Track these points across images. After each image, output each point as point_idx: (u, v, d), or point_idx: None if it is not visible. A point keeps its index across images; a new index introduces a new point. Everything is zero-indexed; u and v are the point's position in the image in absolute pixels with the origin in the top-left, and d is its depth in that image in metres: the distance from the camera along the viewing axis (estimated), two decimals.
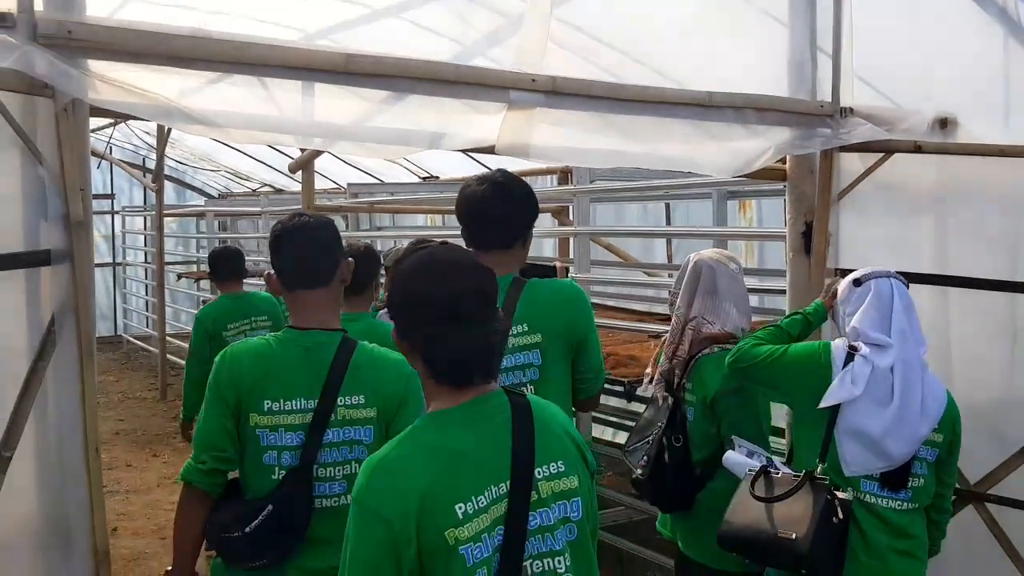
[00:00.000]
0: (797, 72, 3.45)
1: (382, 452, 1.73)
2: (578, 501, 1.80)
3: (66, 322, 2.28)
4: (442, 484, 1.66)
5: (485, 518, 1.68)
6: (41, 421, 2.27)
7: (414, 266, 1.79)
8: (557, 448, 1.81)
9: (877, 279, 2.77)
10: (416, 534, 1.63)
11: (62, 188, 2.25)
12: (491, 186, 2.68)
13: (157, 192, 10.45)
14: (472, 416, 1.75)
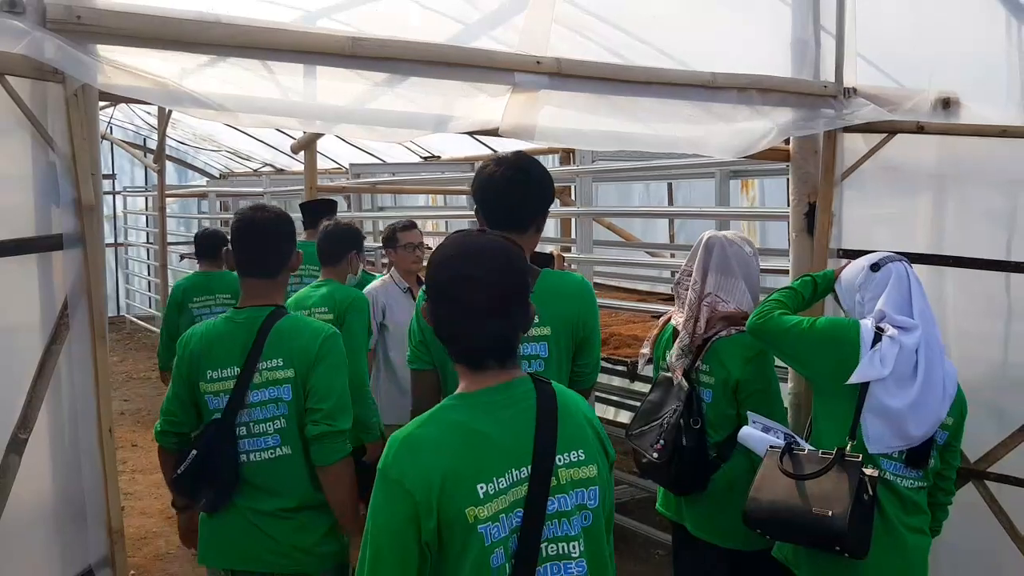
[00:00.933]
0: (800, 52, 3.45)
1: (407, 429, 1.78)
2: (595, 489, 1.85)
3: (79, 305, 2.31)
4: (465, 463, 1.72)
5: (504, 499, 1.73)
6: (56, 403, 2.31)
7: (444, 251, 1.85)
8: (578, 437, 1.86)
9: (893, 263, 2.80)
10: (437, 508, 1.69)
11: (73, 173, 2.27)
12: (509, 169, 2.67)
13: (159, 172, 10.44)
14: (498, 400, 1.80)
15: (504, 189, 2.66)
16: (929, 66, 3.43)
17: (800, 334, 2.79)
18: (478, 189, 2.71)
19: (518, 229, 2.67)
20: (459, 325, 1.81)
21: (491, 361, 1.82)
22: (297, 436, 2.73)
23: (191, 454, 2.74)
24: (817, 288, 3.01)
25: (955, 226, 3.32)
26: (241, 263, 2.84)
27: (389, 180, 9.14)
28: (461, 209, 9.31)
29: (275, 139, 11.92)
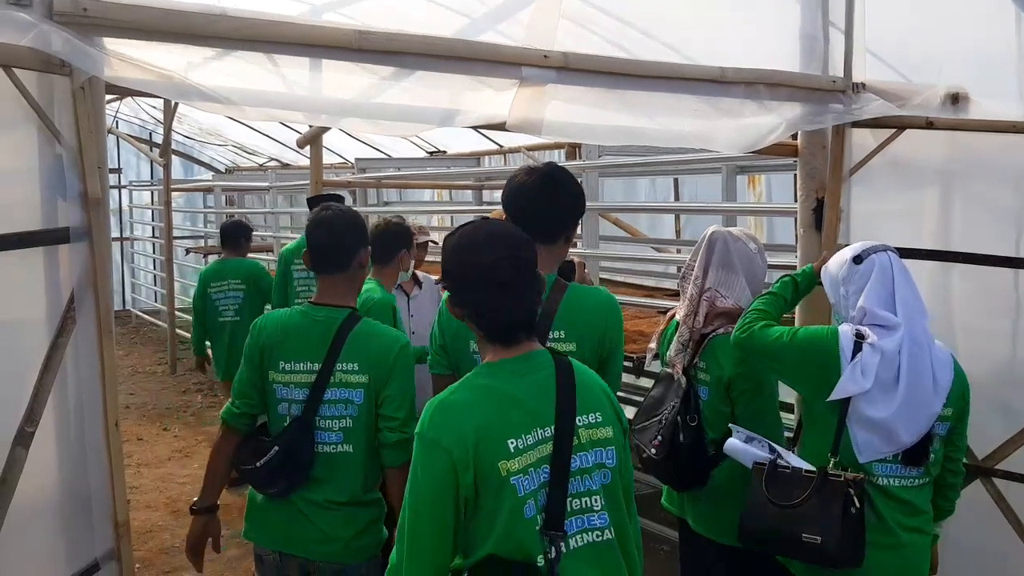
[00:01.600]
0: (809, 47, 3.44)
1: (441, 395, 1.98)
2: (612, 450, 2.03)
3: (85, 299, 2.31)
4: (496, 420, 1.91)
5: (532, 455, 1.92)
6: (62, 397, 2.30)
7: (459, 240, 2.06)
8: (594, 401, 2.05)
9: (876, 254, 2.73)
10: (473, 462, 1.86)
11: (80, 166, 2.27)
12: (540, 178, 2.66)
13: (164, 167, 10.47)
14: (521, 368, 2.01)
15: (535, 198, 2.65)
16: (938, 61, 3.41)
17: (780, 349, 2.74)
18: (508, 197, 2.70)
19: (547, 239, 2.65)
20: (497, 302, 1.99)
21: (522, 334, 2.03)
22: (361, 437, 2.76)
23: (273, 450, 2.75)
24: (798, 287, 2.98)
25: (963, 222, 3.31)
26: (313, 260, 2.90)
27: (395, 175, 9.14)
28: (466, 204, 9.31)
29: (281, 134, 11.93)
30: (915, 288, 2.73)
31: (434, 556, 1.89)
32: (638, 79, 3.03)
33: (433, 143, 10.57)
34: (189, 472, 6.80)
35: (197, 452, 7.32)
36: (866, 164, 3.46)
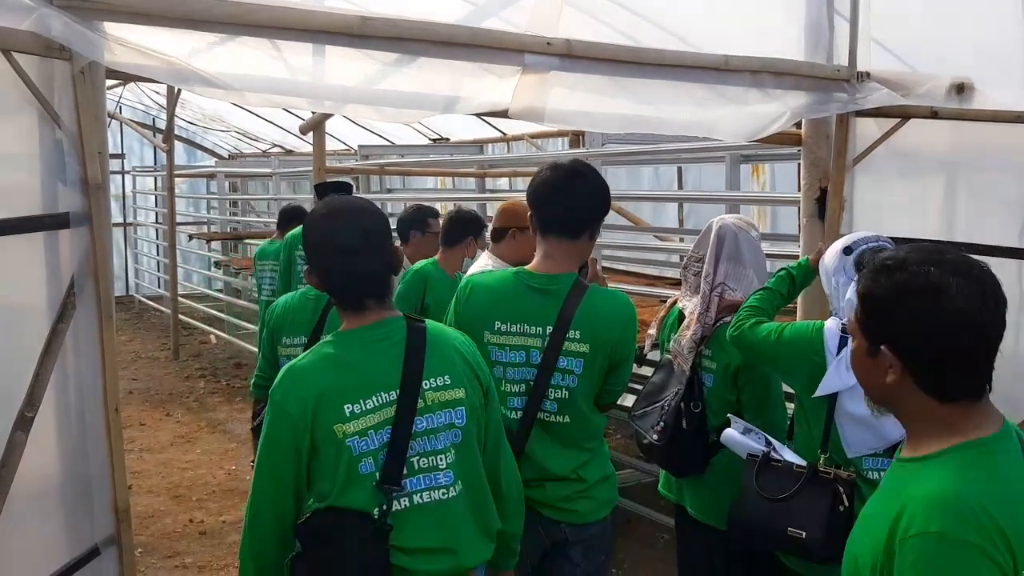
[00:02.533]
0: (814, 36, 3.42)
1: (293, 361, 2.15)
2: (462, 410, 2.19)
3: (85, 284, 2.31)
4: (335, 386, 2.07)
5: (372, 418, 2.08)
6: (62, 382, 2.31)
7: (314, 212, 2.24)
8: (445, 364, 2.19)
9: (867, 245, 2.71)
10: (311, 425, 2.05)
11: (80, 151, 2.27)
12: (565, 174, 2.67)
13: (168, 152, 10.45)
14: (370, 335, 2.15)
15: (559, 194, 2.65)
16: (943, 51, 3.40)
17: (769, 346, 2.74)
18: (533, 192, 2.71)
19: (571, 235, 2.67)
20: (339, 268, 2.13)
21: (370, 300, 2.15)
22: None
23: None
24: (795, 281, 2.97)
25: (967, 212, 3.30)
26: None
27: (397, 162, 9.12)
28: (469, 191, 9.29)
29: (284, 120, 11.91)
30: None
31: (273, 505, 2.09)
32: (641, 67, 3.02)
33: (436, 130, 10.55)
34: (191, 457, 6.82)
35: (199, 438, 7.34)
36: (870, 154, 3.45)
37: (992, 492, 1.45)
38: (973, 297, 1.48)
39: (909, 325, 1.50)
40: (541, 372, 2.66)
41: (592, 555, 2.79)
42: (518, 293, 2.70)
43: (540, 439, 2.70)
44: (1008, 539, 1.40)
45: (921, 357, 1.51)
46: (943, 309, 1.48)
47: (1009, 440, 1.55)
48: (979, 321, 1.50)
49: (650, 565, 4.83)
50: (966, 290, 1.48)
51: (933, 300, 1.48)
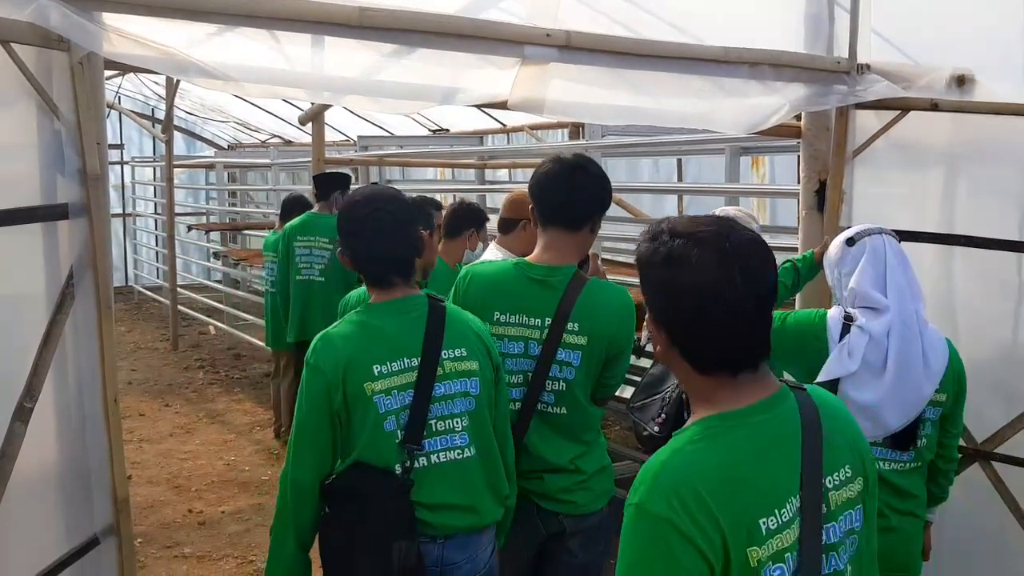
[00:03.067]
0: (814, 27, 3.41)
1: (327, 329, 2.37)
2: (476, 380, 2.40)
3: (84, 275, 2.31)
4: (363, 349, 2.30)
5: (397, 379, 2.30)
6: (61, 372, 2.31)
7: (345, 200, 2.52)
8: (461, 338, 2.41)
9: (871, 236, 2.73)
10: (343, 383, 2.26)
11: (78, 142, 2.26)
12: (567, 166, 2.68)
13: (167, 143, 10.44)
14: (395, 308, 2.39)
15: (561, 186, 2.67)
16: (944, 43, 3.39)
17: (772, 335, 2.74)
18: (535, 185, 2.72)
19: (572, 227, 2.68)
20: (369, 247, 2.38)
21: (395, 277, 2.40)
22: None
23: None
24: (800, 273, 2.98)
25: (967, 205, 3.29)
26: None
27: (397, 153, 9.10)
28: (469, 183, 9.28)
29: (283, 110, 11.88)
30: (910, 272, 2.72)
31: (313, 456, 2.30)
32: (641, 58, 3.01)
33: (436, 121, 10.52)
34: (190, 448, 6.83)
35: (198, 428, 7.34)
36: (870, 146, 3.44)
37: (709, 469, 1.42)
38: (715, 270, 1.45)
39: (653, 294, 1.52)
40: (540, 364, 2.66)
41: (590, 546, 2.80)
42: (517, 284, 2.71)
43: (538, 430, 2.70)
44: (717, 519, 1.37)
45: (671, 327, 1.51)
46: (679, 281, 1.47)
47: (764, 412, 1.50)
48: (720, 295, 1.45)
49: None
50: (709, 263, 1.45)
51: (672, 271, 1.47)
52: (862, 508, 1.56)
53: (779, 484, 1.45)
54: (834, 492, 1.51)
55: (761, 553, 1.39)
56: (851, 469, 1.55)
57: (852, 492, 1.54)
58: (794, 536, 1.43)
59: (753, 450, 1.46)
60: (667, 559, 1.35)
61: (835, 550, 1.50)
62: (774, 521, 1.41)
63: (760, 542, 1.39)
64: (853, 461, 1.56)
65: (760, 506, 1.41)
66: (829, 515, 1.49)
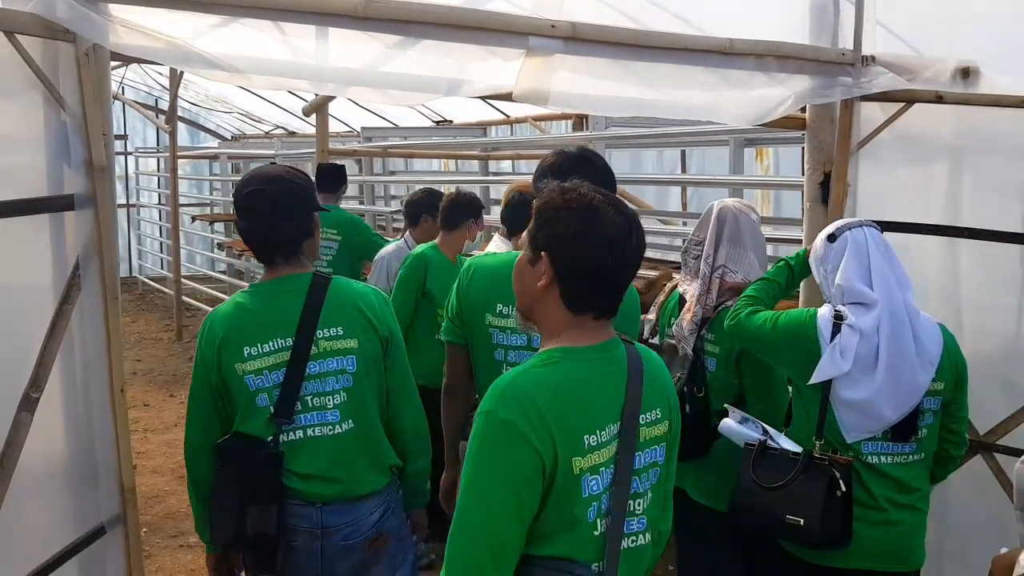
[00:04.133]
0: (819, 19, 3.40)
1: (217, 307, 2.54)
2: (353, 358, 2.50)
3: (90, 266, 2.31)
4: (237, 330, 2.45)
5: (268, 359, 2.44)
6: (68, 363, 2.32)
7: (243, 180, 2.56)
8: (340, 317, 2.50)
9: (851, 230, 2.72)
10: (217, 363, 2.44)
11: (84, 133, 2.27)
12: (569, 161, 2.69)
13: (171, 134, 10.44)
14: (274, 288, 2.51)
15: (564, 179, 2.65)
16: (948, 35, 3.37)
17: (764, 335, 2.74)
18: (539, 178, 2.72)
19: None
20: (253, 228, 2.49)
21: (279, 257, 2.50)
22: None
23: None
24: (793, 271, 2.98)
25: (972, 198, 3.28)
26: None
27: (400, 144, 9.10)
28: (472, 174, 9.28)
29: (287, 101, 11.88)
30: (895, 262, 2.71)
31: (199, 420, 2.53)
32: (647, 50, 3.00)
33: (439, 112, 10.52)
34: None
35: None
36: (874, 138, 3.43)
37: (547, 387, 1.71)
38: (620, 228, 1.76)
39: (557, 235, 1.77)
40: None
41: None
42: None
43: None
44: (551, 427, 1.67)
45: (571, 269, 1.77)
46: (598, 233, 1.75)
47: (600, 352, 1.80)
48: (622, 252, 1.76)
49: None
50: (618, 221, 1.76)
51: (591, 223, 1.75)
52: (666, 446, 1.90)
53: (603, 410, 1.76)
54: (645, 427, 1.83)
55: (582, 463, 1.71)
56: (660, 413, 1.88)
57: (659, 431, 1.87)
58: (609, 455, 1.75)
59: (585, 379, 1.76)
60: (508, 453, 1.66)
61: (639, 475, 1.84)
62: (595, 439, 1.73)
63: (582, 454, 1.71)
64: (663, 407, 1.89)
65: (585, 424, 1.72)
66: (639, 445, 1.82)
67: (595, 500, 1.78)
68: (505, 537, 1.67)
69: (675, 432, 1.95)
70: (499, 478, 1.66)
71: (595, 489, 1.78)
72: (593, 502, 1.78)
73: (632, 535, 1.92)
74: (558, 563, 1.75)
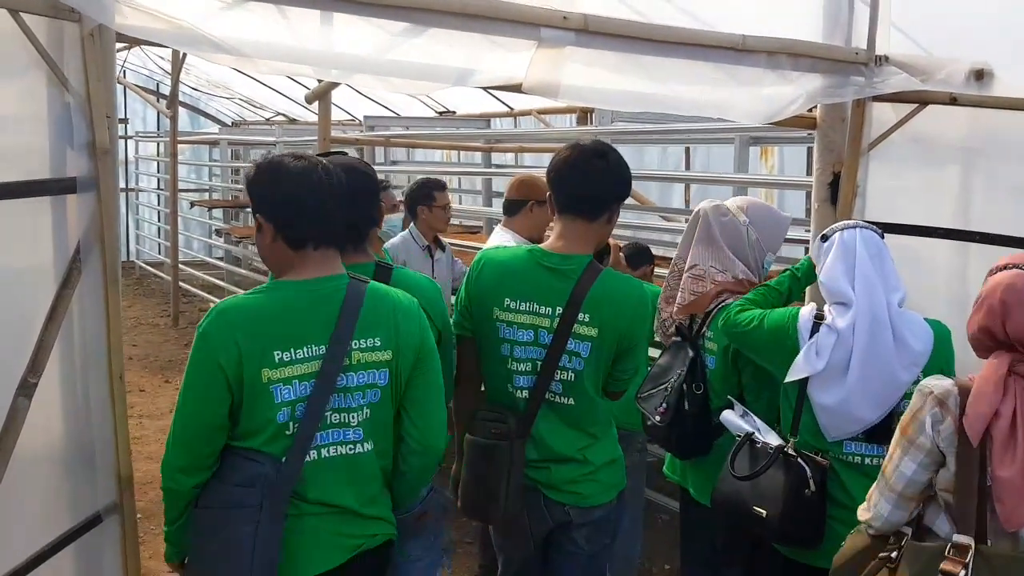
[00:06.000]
0: (832, 17, 3.37)
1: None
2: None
3: (91, 250, 2.28)
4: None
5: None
6: (67, 348, 2.28)
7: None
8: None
9: (843, 231, 2.71)
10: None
11: (88, 115, 2.23)
12: (583, 154, 2.65)
13: (171, 118, 10.38)
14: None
15: (578, 175, 2.63)
16: (963, 37, 3.34)
17: (751, 333, 2.75)
18: (552, 171, 2.68)
19: (588, 216, 2.65)
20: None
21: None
22: None
23: None
24: (798, 279, 2.96)
25: (983, 201, 3.25)
26: None
27: (402, 134, 9.05)
28: (475, 166, 9.24)
29: (289, 88, 11.82)
30: (885, 264, 2.67)
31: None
32: (659, 44, 2.96)
33: (443, 103, 10.47)
34: None
35: None
36: (886, 139, 3.40)
37: (247, 310, 2.12)
38: (303, 181, 2.13)
39: (261, 196, 2.17)
40: (550, 353, 2.64)
41: (596, 538, 2.78)
42: (530, 271, 2.68)
43: (546, 419, 2.68)
44: (238, 340, 2.06)
45: (276, 218, 2.15)
46: (280, 188, 2.15)
47: (314, 285, 2.17)
48: (302, 199, 2.13)
49: (647, 545, 4.83)
50: (296, 175, 2.14)
51: (273, 179, 2.15)
52: (388, 371, 2.20)
53: (305, 331, 2.11)
54: (358, 352, 2.16)
55: (271, 374, 2.07)
56: (382, 342, 2.19)
57: (378, 357, 2.19)
58: (309, 371, 2.10)
59: (289, 306, 2.13)
60: (203, 359, 2.08)
61: (350, 392, 2.16)
62: (288, 355, 2.08)
63: (272, 366, 2.07)
64: (387, 338, 2.19)
65: (277, 341, 2.07)
66: (352, 366, 2.15)
67: (288, 406, 2.08)
68: (201, 420, 2.10)
69: (402, 361, 2.22)
70: (194, 378, 2.08)
71: (288, 397, 2.08)
72: (285, 407, 2.08)
73: (348, 443, 2.18)
74: (252, 453, 2.08)
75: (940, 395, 2.10)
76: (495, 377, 2.74)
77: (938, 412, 2.09)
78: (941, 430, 2.09)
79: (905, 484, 2.13)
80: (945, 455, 2.10)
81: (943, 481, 2.12)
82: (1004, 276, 2.13)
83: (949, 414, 2.09)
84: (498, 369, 2.72)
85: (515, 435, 2.65)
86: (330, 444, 2.17)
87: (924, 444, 2.10)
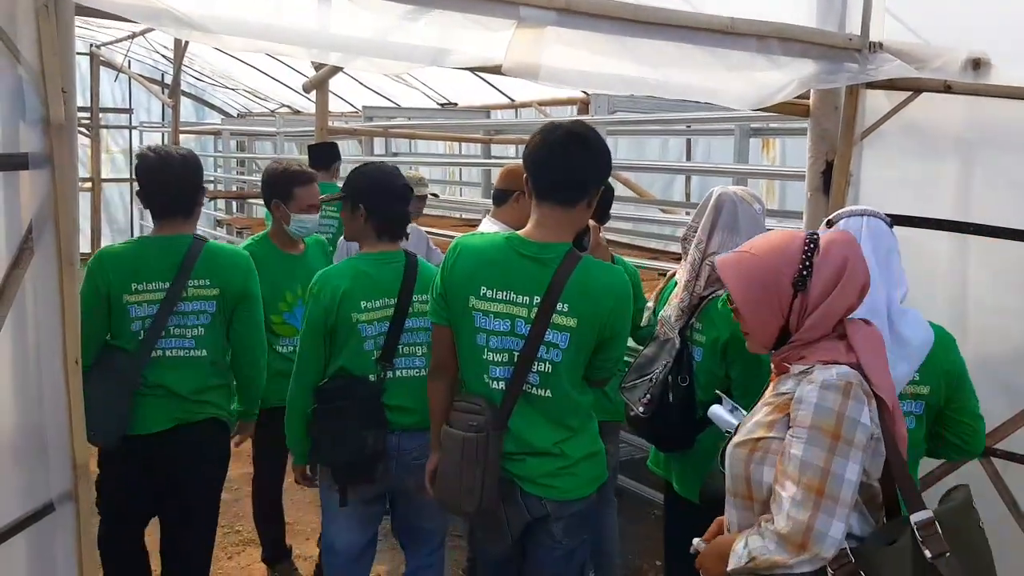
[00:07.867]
0: (826, 2, 3.27)
1: (329, 268, 3.37)
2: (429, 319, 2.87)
3: (45, 229, 2.20)
4: (355, 287, 3.12)
5: (377, 313, 3.15)
6: (19, 331, 2.20)
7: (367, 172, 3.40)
8: (427, 286, 2.96)
9: (849, 219, 2.59)
10: (336, 312, 3.09)
11: (42, 89, 2.15)
12: (560, 136, 2.56)
13: (173, 108, 10.32)
14: (383, 258, 3.23)
15: (556, 160, 2.55)
16: (959, 24, 3.25)
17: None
18: (527, 157, 2.61)
19: (565, 202, 2.57)
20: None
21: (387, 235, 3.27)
22: None
23: None
24: None
25: (980, 192, 3.16)
26: None
27: (401, 124, 8.98)
28: (475, 157, 9.17)
29: (292, 79, 11.76)
30: (886, 256, 2.56)
31: (315, 367, 3.15)
32: (644, 26, 2.87)
33: (444, 94, 10.40)
34: None
35: None
36: (879, 128, 3.32)
37: (116, 253, 3.24)
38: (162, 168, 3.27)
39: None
40: (527, 343, 2.56)
41: (574, 532, 2.71)
42: (507, 259, 2.60)
43: (521, 412, 2.62)
44: (108, 273, 3.14)
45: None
46: (150, 176, 3.29)
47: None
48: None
49: (638, 541, 4.76)
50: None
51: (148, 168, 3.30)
52: (215, 303, 3.29)
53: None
54: (193, 288, 3.23)
55: (129, 298, 3.17)
56: (211, 282, 3.26)
57: (208, 292, 3.27)
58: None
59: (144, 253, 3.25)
60: (88, 286, 3.10)
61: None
62: (370, 304, 3.13)
63: (129, 293, 3.16)
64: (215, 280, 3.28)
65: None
66: (187, 298, 3.23)
67: (139, 320, 3.16)
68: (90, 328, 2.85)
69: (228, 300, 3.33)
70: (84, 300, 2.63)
71: (139, 314, 3.15)
72: (137, 320, 3.16)
73: (184, 349, 3.23)
74: (117, 349, 3.18)
75: (856, 382, 1.99)
76: (470, 367, 2.67)
77: (864, 399, 1.99)
78: (873, 416, 2.00)
79: (852, 491, 1.96)
80: (876, 441, 2.01)
81: (874, 471, 2.04)
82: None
83: (868, 396, 1.99)
84: (474, 359, 2.65)
85: (491, 427, 2.59)
86: (169, 348, 3.23)
87: (862, 441, 1.97)
